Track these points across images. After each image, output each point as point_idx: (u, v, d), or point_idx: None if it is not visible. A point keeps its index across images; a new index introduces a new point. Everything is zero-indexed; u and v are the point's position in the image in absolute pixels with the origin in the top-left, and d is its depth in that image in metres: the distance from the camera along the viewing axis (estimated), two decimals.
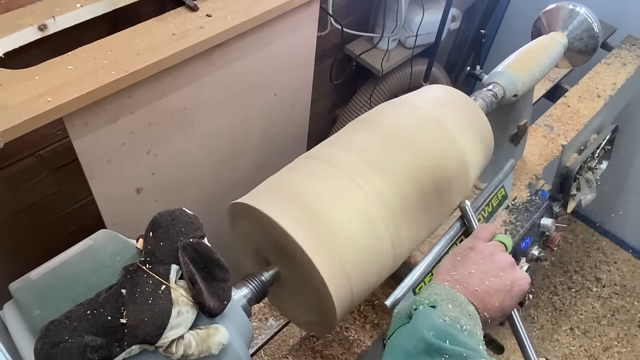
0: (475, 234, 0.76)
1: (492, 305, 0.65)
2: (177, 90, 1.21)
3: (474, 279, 0.66)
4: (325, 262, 0.66)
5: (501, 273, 0.67)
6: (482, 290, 0.65)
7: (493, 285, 0.66)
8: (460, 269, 0.68)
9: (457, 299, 0.63)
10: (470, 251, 0.71)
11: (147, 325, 0.52)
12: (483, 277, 0.66)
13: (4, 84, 0.98)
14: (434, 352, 0.54)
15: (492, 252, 0.70)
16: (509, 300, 0.66)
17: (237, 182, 1.58)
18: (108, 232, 0.63)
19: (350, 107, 2.33)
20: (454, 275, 0.67)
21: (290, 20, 1.36)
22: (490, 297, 0.65)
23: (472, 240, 0.74)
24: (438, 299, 0.62)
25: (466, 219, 0.83)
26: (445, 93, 0.90)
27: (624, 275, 2.39)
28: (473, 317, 0.62)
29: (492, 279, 0.66)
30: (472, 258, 0.69)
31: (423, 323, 0.58)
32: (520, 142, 1.19)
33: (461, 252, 0.71)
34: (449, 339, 0.55)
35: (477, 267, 0.68)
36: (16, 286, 0.58)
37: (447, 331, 0.56)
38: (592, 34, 1.12)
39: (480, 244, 0.72)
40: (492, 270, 0.68)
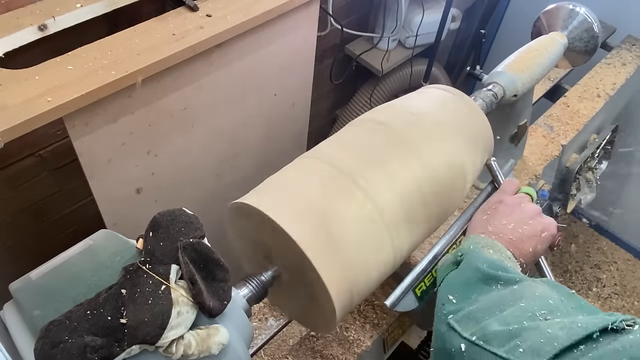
0: (503, 189, 0.81)
1: (526, 250, 0.70)
2: (177, 90, 1.21)
3: (508, 229, 0.71)
4: (325, 262, 0.66)
5: (531, 221, 0.72)
6: (516, 238, 0.70)
7: (525, 232, 0.71)
8: (493, 221, 0.73)
9: (495, 245, 0.68)
10: (500, 204, 0.76)
11: (147, 325, 0.52)
12: (515, 226, 0.71)
13: (4, 84, 0.98)
14: (490, 279, 0.60)
15: (519, 203, 0.75)
16: (540, 245, 0.72)
17: (237, 182, 1.58)
18: (108, 232, 0.63)
19: (350, 107, 2.33)
20: (488, 227, 0.72)
21: (290, 20, 1.36)
22: (524, 243, 0.70)
23: (500, 194, 0.79)
24: (479, 247, 0.67)
25: (493, 174, 0.89)
26: (445, 93, 0.90)
27: (624, 275, 2.39)
28: (512, 260, 0.68)
29: (524, 227, 0.71)
30: (502, 211, 0.74)
31: (476, 258, 0.64)
32: (520, 142, 1.19)
33: (491, 207, 0.76)
34: (500, 269, 0.61)
35: (508, 218, 0.73)
36: (16, 286, 0.58)
37: (498, 263, 0.63)
38: (592, 34, 1.12)
39: (507, 197, 0.77)
40: (523, 219, 0.73)
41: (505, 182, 0.84)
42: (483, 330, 0.53)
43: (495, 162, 0.89)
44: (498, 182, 0.88)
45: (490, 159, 0.89)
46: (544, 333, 0.48)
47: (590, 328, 0.47)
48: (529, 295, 0.56)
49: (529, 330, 0.50)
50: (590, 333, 0.46)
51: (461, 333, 0.55)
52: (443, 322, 0.58)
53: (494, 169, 0.89)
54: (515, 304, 0.55)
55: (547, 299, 0.55)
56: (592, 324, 0.47)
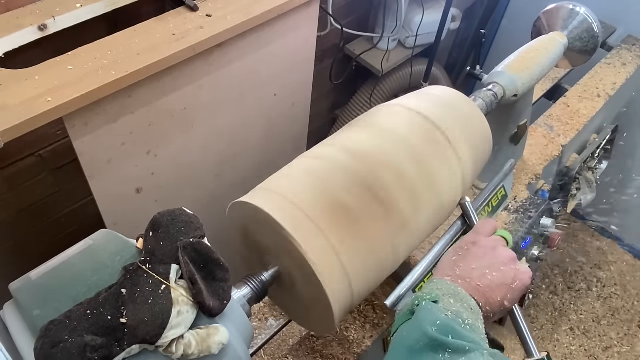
0: (477, 229, 0.76)
1: (494, 299, 0.65)
2: (177, 90, 1.21)
3: (476, 274, 0.66)
4: (325, 262, 0.66)
5: (503, 267, 0.68)
6: (484, 285, 0.65)
7: (495, 280, 0.66)
8: (462, 263, 0.68)
9: (458, 293, 0.63)
10: (472, 246, 0.71)
11: (147, 325, 0.52)
12: (485, 271, 0.67)
13: (4, 84, 0.98)
14: (438, 346, 0.55)
15: (494, 247, 0.71)
16: (511, 295, 0.67)
17: (237, 182, 1.58)
18: (108, 232, 0.63)
19: (350, 107, 2.33)
20: (456, 270, 0.68)
21: (290, 20, 1.36)
22: (492, 291, 0.65)
23: (474, 235, 0.74)
24: (440, 294, 0.62)
25: (466, 215, 0.83)
26: (444, 94, 0.90)
27: (624, 275, 2.39)
28: (475, 311, 0.62)
29: (494, 273, 0.67)
30: (474, 253, 0.70)
31: (425, 318, 0.58)
32: (520, 142, 1.19)
33: (463, 247, 0.72)
34: (451, 333, 0.56)
35: (479, 261, 0.68)
36: (16, 286, 0.58)
37: (450, 325, 0.57)
38: (592, 34, 1.12)
39: (482, 239, 0.72)
40: (494, 264, 0.68)
41: (480, 222, 0.79)
42: None
43: (469, 203, 0.83)
44: (472, 223, 0.82)
45: (464, 199, 0.83)
46: None
47: None
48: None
49: None
50: None
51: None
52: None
53: (467, 209, 0.83)
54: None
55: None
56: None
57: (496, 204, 1.00)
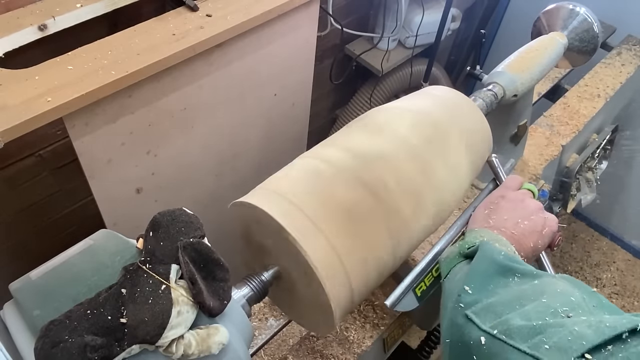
0: (505, 184, 0.81)
1: (527, 245, 0.70)
2: (177, 90, 1.21)
3: (510, 223, 0.72)
4: (324, 262, 0.66)
5: (532, 216, 0.73)
6: (518, 233, 0.70)
7: (527, 228, 0.71)
8: (494, 215, 0.74)
9: (500, 239, 0.68)
10: (502, 199, 0.76)
11: (147, 325, 0.52)
12: (517, 221, 0.72)
13: (4, 84, 0.98)
14: (507, 271, 0.60)
15: (522, 199, 0.76)
16: (540, 240, 0.72)
17: (237, 182, 1.58)
18: (108, 232, 0.63)
19: (350, 107, 2.33)
20: (489, 221, 0.73)
21: (290, 20, 1.36)
22: (525, 238, 0.71)
23: (503, 190, 0.79)
24: (484, 239, 0.68)
25: (494, 171, 0.88)
26: (444, 94, 0.90)
27: (624, 275, 2.39)
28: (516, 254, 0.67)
29: (525, 222, 0.72)
30: (505, 205, 0.75)
31: (491, 248, 0.64)
32: (520, 142, 1.19)
33: (493, 201, 0.77)
34: (516, 262, 0.61)
35: (510, 212, 0.73)
36: (16, 286, 0.58)
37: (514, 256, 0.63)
38: (592, 34, 1.12)
39: (510, 193, 0.78)
40: (524, 214, 0.73)
41: (508, 178, 0.84)
42: (504, 324, 0.51)
43: (497, 159, 0.89)
44: (500, 179, 0.88)
45: (492, 156, 0.89)
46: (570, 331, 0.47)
47: (619, 328, 0.45)
48: (550, 292, 0.55)
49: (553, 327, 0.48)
50: (620, 333, 0.45)
51: (480, 325, 0.53)
52: (460, 314, 0.57)
53: (495, 165, 0.89)
54: (536, 299, 0.54)
55: (569, 296, 0.54)
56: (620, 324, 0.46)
57: None
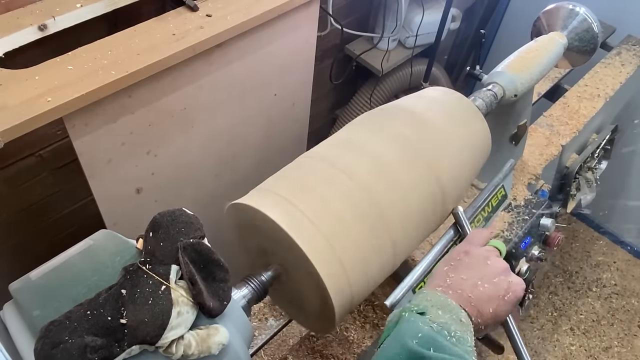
0: (469, 239, 0.75)
1: (485, 311, 0.64)
2: (177, 90, 1.21)
3: (468, 285, 0.65)
4: (324, 262, 0.67)
5: (495, 279, 0.66)
6: (476, 296, 0.64)
7: (487, 291, 0.65)
8: (453, 274, 0.67)
9: (448, 305, 0.62)
10: (465, 256, 0.70)
11: (147, 326, 0.52)
12: (477, 282, 0.65)
13: (4, 84, 0.98)
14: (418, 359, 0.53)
15: (486, 257, 0.69)
16: (503, 307, 0.65)
17: (237, 182, 1.58)
18: (108, 232, 0.63)
19: (350, 107, 2.33)
20: (447, 280, 0.66)
21: (290, 20, 1.36)
22: (484, 303, 0.64)
23: (466, 245, 0.73)
24: (428, 305, 0.61)
25: (459, 224, 0.82)
26: (444, 95, 0.90)
27: (624, 275, 2.39)
28: (465, 323, 0.61)
29: (485, 285, 0.65)
30: (466, 263, 0.69)
31: (408, 330, 0.57)
32: (520, 142, 1.19)
33: (455, 257, 0.70)
34: (433, 346, 0.54)
35: (470, 272, 0.67)
36: (16, 286, 0.58)
37: (433, 338, 0.55)
38: (592, 34, 1.12)
39: (474, 249, 0.71)
40: (487, 275, 0.67)
41: (473, 231, 0.78)
42: None
43: (461, 211, 0.82)
44: (464, 233, 0.82)
45: (457, 208, 0.83)
46: None
47: None
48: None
49: None
50: None
51: None
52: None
53: (460, 217, 0.82)
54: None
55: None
56: None
57: (496, 204, 1.00)
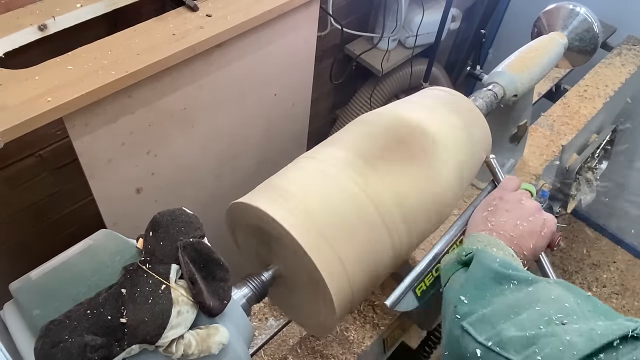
0: (503, 185, 0.80)
1: (526, 247, 0.70)
2: (177, 90, 1.21)
3: (508, 225, 0.71)
4: (325, 262, 0.66)
5: (531, 217, 0.72)
6: (517, 235, 0.70)
7: (526, 229, 0.71)
8: (493, 218, 0.73)
9: (498, 244, 0.68)
10: (500, 201, 0.75)
11: (147, 325, 0.52)
12: (516, 222, 0.71)
13: (4, 84, 0.98)
14: (503, 278, 0.60)
15: (519, 200, 0.75)
16: (540, 241, 0.72)
17: (237, 182, 1.58)
18: (108, 232, 0.63)
19: (350, 107, 2.33)
20: (488, 224, 0.72)
21: (290, 20, 1.36)
22: (524, 240, 0.70)
23: (500, 191, 0.78)
24: (481, 245, 0.67)
25: (492, 172, 0.88)
26: (444, 96, 0.90)
27: (624, 275, 2.39)
28: (515, 258, 0.67)
29: (524, 223, 0.71)
30: (503, 207, 0.74)
31: (486, 257, 0.63)
32: (520, 142, 1.19)
33: (491, 203, 0.76)
34: (512, 268, 0.61)
35: (508, 214, 0.73)
36: (16, 286, 0.58)
37: (509, 262, 0.62)
38: (592, 34, 1.12)
39: (507, 194, 0.77)
40: (523, 215, 0.72)
41: (505, 178, 0.83)
42: (499, 336, 0.51)
43: (495, 160, 0.88)
44: (498, 180, 0.87)
45: (490, 157, 0.88)
46: (562, 340, 0.47)
47: (610, 336, 0.45)
48: (544, 299, 0.55)
49: (546, 337, 0.48)
50: (610, 341, 0.45)
51: (476, 337, 0.53)
52: (456, 325, 0.57)
53: (493, 166, 0.88)
54: (531, 307, 0.54)
55: (563, 302, 0.54)
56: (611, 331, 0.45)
57: None
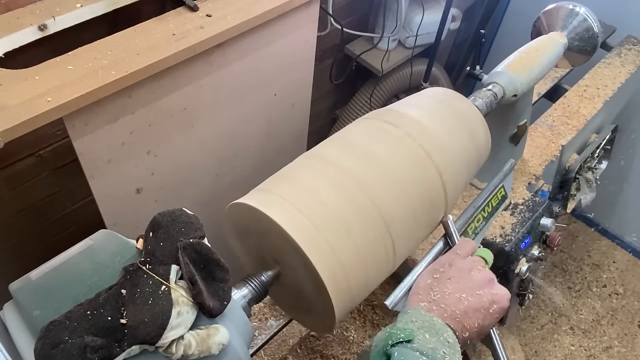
0: (456, 249, 0.74)
1: (471, 325, 0.63)
2: (177, 90, 1.21)
3: (452, 299, 0.64)
4: (324, 262, 0.67)
5: (479, 291, 0.66)
6: (461, 311, 0.63)
7: (472, 305, 0.64)
8: (437, 288, 0.66)
9: (434, 325, 0.61)
10: (449, 268, 0.69)
11: (147, 326, 0.52)
12: (461, 296, 0.65)
13: (4, 84, 0.98)
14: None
15: (470, 269, 0.69)
16: (488, 319, 0.65)
17: (237, 182, 1.58)
18: (108, 232, 0.63)
19: (350, 107, 2.33)
20: (430, 294, 0.66)
21: (290, 20, 1.36)
22: (469, 317, 0.63)
23: (451, 256, 0.72)
24: (414, 328, 0.60)
25: (447, 232, 0.80)
26: (444, 96, 0.90)
27: (624, 275, 2.39)
28: (452, 344, 0.60)
29: (470, 298, 0.65)
30: (450, 276, 0.68)
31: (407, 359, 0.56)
32: (520, 142, 1.19)
33: (438, 269, 0.70)
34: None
35: (455, 285, 0.66)
36: (16, 286, 0.58)
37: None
38: (592, 33, 1.12)
39: (458, 260, 0.70)
40: (471, 288, 0.66)
41: (459, 241, 0.77)
42: None
43: (451, 221, 0.80)
44: (453, 242, 0.79)
45: (447, 217, 0.81)
46: None
47: None
48: None
49: None
50: None
51: None
52: None
53: (449, 227, 0.80)
54: None
55: None
56: None
57: (496, 204, 1.00)
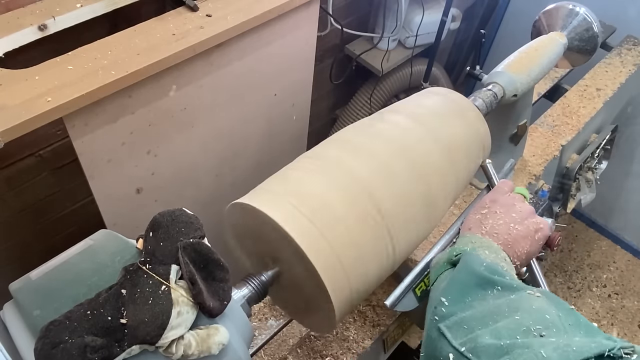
0: (497, 188, 0.80)
1: (520, 251, 0.69)
2: (177, 90, 1.21)
3: (502, 229, 0.70)
4: (324, 262, 0.67)
5: (525, 221, 0.72)
6: (511, 238, 0.69)
7: (520, 233, 0.70)
8: (487, 220, 0.72)
9: (492, 246, 0.67)
10: (494, 204, 0.75)
11: (147, 326, 0.52)
12: (510, 226, 0.71)
13: (4, 84, 0.98)
14: (487, 283, 0.59)
15: (513, 203, 0.74)
16: (534, 245, 0.71)
17: (237, 182, 1.58)
18: (108, 232, 0.63)
19: (350, 107, 2.33)
20: (482, 227, 0.71)
21: (290, 20, 1.36)
22: (518, 244, 0.69)
23: (494, 194, 0.78)
24: (475, 246, 0.67)
25: (487, 176, 0.89)
26: (444, 96, 0.90)
27: (624, 275, 2.39)
28: (508, 262, 0.67)
29: (517, 227, 0.71)
30: (497, 210, 0.74)
31: (473, 260, 0.62)
32: (520, 142, 1.19)
33: (485, 206, 0.75)
34: (498, 274, 0.60)
35: (502, 217, 0.72)
36: (16, 286, 0.58)
37: (495, 267, 0.61)
38: (592, 33, 1.12)
39: (501, 197, 0.76)
40: (517, 219, 0.72)
41: (499, 182, 0.82)
42: (473, 342, 0.50)
43: (490, 164, 0.89)
44: (492, 184, 0.88)
45: (486, 161, 0.89)
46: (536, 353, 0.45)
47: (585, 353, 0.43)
48: (525, 308, 0.53)
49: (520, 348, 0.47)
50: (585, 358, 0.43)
51: (451, 341, 0.52)
52: (434, 327, 0.56)
53: (488, 170, 0.89)
54: (510, 315, 0.53)
55: (544, 314, 0.52)
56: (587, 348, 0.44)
57: None
